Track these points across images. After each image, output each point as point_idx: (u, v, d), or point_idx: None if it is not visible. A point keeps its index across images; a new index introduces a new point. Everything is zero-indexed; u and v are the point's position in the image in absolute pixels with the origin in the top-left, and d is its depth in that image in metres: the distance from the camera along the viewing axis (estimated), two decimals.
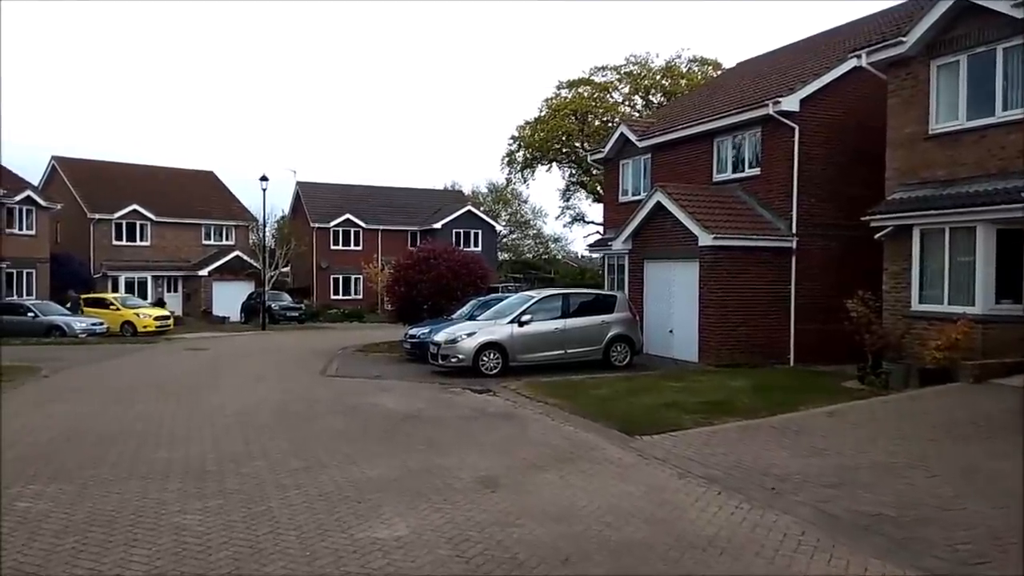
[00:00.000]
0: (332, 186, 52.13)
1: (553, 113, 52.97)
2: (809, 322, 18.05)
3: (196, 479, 7.63)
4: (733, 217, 18.02)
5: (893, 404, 10.77)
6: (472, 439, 9.70)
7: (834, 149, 18.25)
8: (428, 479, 7.63)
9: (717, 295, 17.58)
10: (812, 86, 17.74)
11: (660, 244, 19.44)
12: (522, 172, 57.87)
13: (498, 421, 11.08)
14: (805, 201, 18.02)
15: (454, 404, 12.76)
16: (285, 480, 7.58)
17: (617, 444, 9.32)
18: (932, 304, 13.62)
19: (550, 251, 72.83)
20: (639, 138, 22.90)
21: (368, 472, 7.90)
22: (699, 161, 20.83)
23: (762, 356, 17.72)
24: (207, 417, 11.31)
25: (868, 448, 8.59)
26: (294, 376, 16.91)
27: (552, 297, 17.80)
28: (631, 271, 20.93)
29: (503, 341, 16.54)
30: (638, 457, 8.63)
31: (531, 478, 7.70)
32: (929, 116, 14.15)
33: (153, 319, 31.38)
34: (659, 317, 19.37)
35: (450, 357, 16.60)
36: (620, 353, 17.48)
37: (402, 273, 22.98)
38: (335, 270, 48.41)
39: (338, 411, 11.91)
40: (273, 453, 8.81)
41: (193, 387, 14.81)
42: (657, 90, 53.10)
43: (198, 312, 42.75)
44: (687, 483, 7.50)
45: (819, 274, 18.24)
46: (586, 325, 17.33)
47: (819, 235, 18.14)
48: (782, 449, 8.72)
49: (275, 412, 11.76)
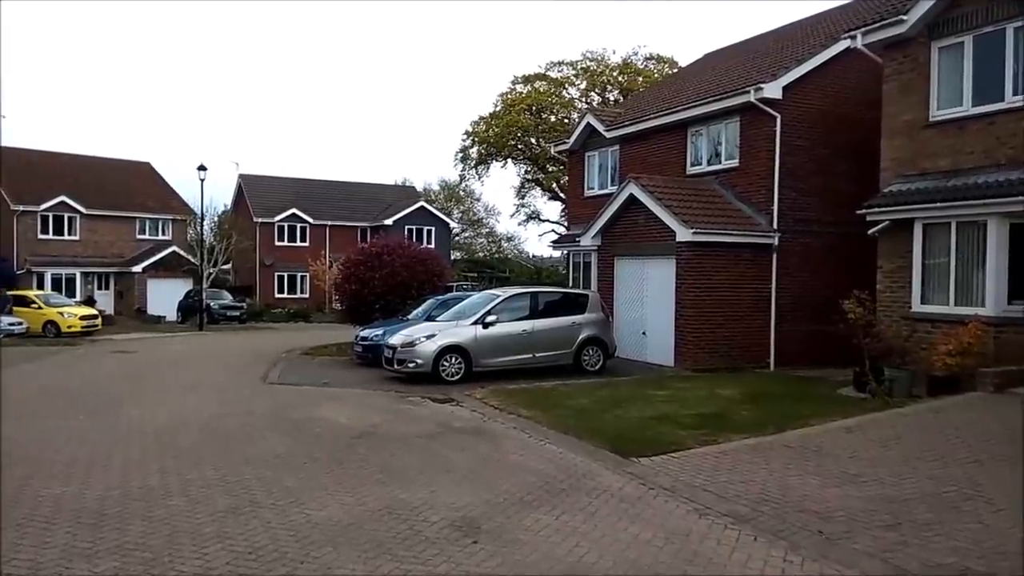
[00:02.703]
0: (278, 179, 49.79)
1: (508, 108, 51.64)
2: (791, 324, 16.98)
3: (90, 528, 5.94)
4: (711, 211, 16.81)
5: (914, 418, 9.57)
6: (440, 463, 8.17)
7: (817, 140, 17.22)
8: (391, 523, 6.08)
9: (695, 294, 16.35)
10: (796, 72, 16.65)
11: (632, 240, 18.15)
12: (476, 168, 56.45)
13: (467, 439, 9.55)
14: (787, 195, 16.93)
15: (414, 417, 11.19)
16: (206, 528, 5.94)
17: (612, 469, 7.89)
18: (936, 305, 12.54)
19: (503, 250, 71.51)
20: (607, 128, 21.60)
21: (314, 514, 6.30)
22: (672, 153, 19.62)
23: (742, 360, 16.57)
24: (121, 437, 9.52)
25: (907, 473, 7.32)
26: (231, 384, 15.09)
27: (519, 296, 16.30)
28: (600, 269, 19.61)
29: (466, 344, 14.99)
30: (641, 486, 7.21)
31: (519, 520, 6.21)
32: (930, 102, 13.09)
33: (79, 319, 28.93)
34: (631, 318, 18.08)
35: (407, 362, 15.00)
36: (592, 357, 16.10)
37: (353, 270, 21.20)
38: (280, 267, 46.13)
39: (279, 428, 10.22)
40: (195, 487, 7.13)
41: (111, 398, 12.90)
42: (614, 86, 52.22)
43: (131, 311, 40.08)
44: (711, 525, 6.10)
45: (801, 272, 17.20)
46: (556, 327, 15.90)
47: (801, 231, 17.08)
48: (808, 475, 7.39)
49: (204, 430, 10.02)
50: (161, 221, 44.18)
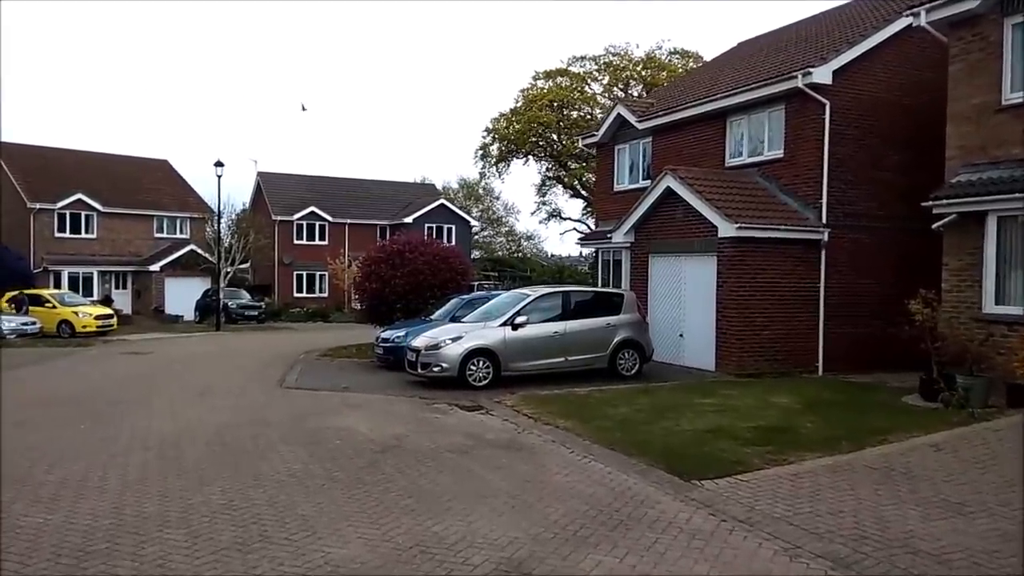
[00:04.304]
0: (296, 177, 49.06)
1: (529, 104, 50.66)
2: (841, 325, 15.87)
3: (68, 569, 5.03)
4: (755, 205, 15.72)
5: (1009, 433, 8.49)
6: (475, 485, 7.20)
7: (868, 129, 16.10)
8: (424, 566, 5.12)
9: (738, 294, 15.27)
10: (849, 54, 15.53)
11: (669, 236, 17.10)
12: (496, 166, 55.50)
13: (502, 454, 8.58)
14: (836, 188, 15.82)
15: (442, 427, 10.24)
16: (206, 571, 5.01)
17: (673, 494, 6.88)
18: (1014, 306, 11.41)
19: (522, 249, 70.55)
20: (639, 119, 20.56)
21: (333, 552, 5.36)
22: (709, 144, 18.54)
23: (787, 364, 15.50)
24: (122, 450, 8.63)
25: (1016, 501, 6.28)
26: (246, 388, 14.22)
27: (550, 296, 15.29)
28: (633, 267, 18.56)
29: (494, 347, 14.02)
30: (711, 517, 6.20)
31: (576, 561, 5.24)
32: (1002, 84, 11.93)
33: (94, 318, 28.26)
34: (667, 319, 17.03)
35: (431, 366, 14.06)
36: (628, 361, 15.07)
37: (374, 268, 20.28)
38: (298, 266, 45.38)
39: (295, 440, 9.30)
40: (198, 515, 6.22)
41: (117, 404, 12.05)
42: (637, 81, 51.08)
43: (149, 310, 39.50)
44: (808, 570, 5.09)
45: (851, 270, 16.10)
46: (589, 328, 14.87)
47: (851, 226, 15.97)
48: (906, 504, 6.36)
49: (213, 442, 9.12)
50: (179, 219, 43.58)
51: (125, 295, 40.90)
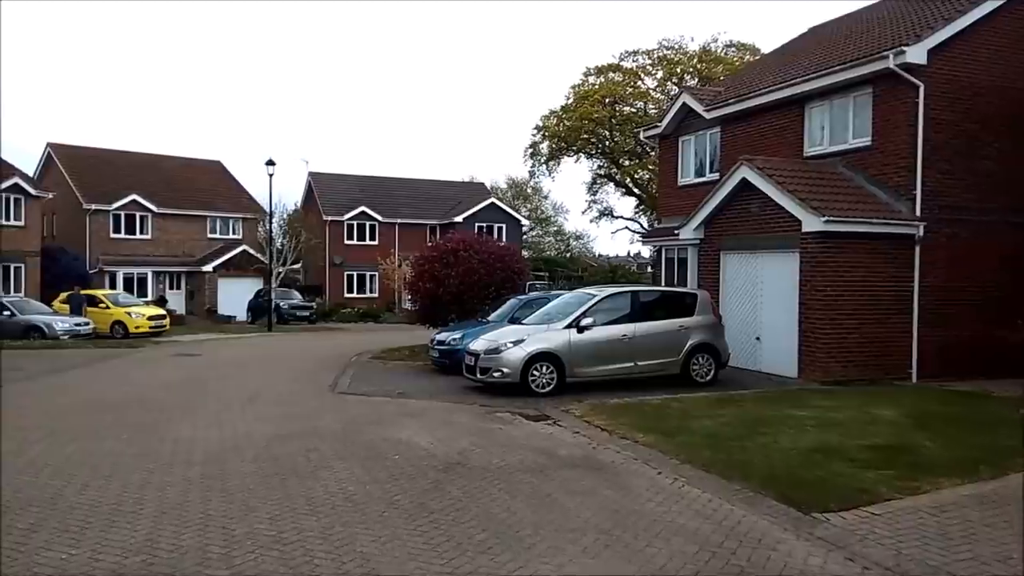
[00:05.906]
0: (346, 177, 48.79)
1: (580, 101, 49.54)
2: (935, 328, 14.50)
3: None
4: (842, 197, 14.44)
5: None
6: (556, 516, 6.22)
7: (966, 114, 14.73)
8: None
9: (824, 294, 14.03)
10: (945, 31, 14.20)
11: (743, 231, 15.92)
12: (546, 164, 54.49)
13: (581, 475, 7.59)
14: (931, 178, 14.45)
15: (508, 441, 9.29)
16: None
17: (794, 531, 5.81)
18: None
19: (571, 248, 69.42)
20: (706, 108, 19.36)
21: None
22: (785, 133, 17.27)
23: (878, 370, 14.21)
24: (161, 467, 7.87)
25: None
26: (296, 394, 13.49)
27: (617, 296, 14.23)
28: (703, 265, 17.40)
29: (559, 351, 13.03)
30: (850, 564, 5.12)
31: None
32: None
33: (147, 319, 28.06)
34: (741, 321, 15.84)
35: (491, 370, 13.15)
36: (703, 366, 13.94)
37: (427, 267, 19.45)
38: (349, 266, 45.06)
39: (350, 455, 8.46)
40: (241, 551, 5.37)
41: (161, 412, 11.37)
42: (692, 75, 49.50)
43: (202, 311, 39.50)
44: None
45: (948, 268, 14.70)
46: (660, 331, 13.79)
47: (948, 220, 14.59)
48: None
49: (261, 458, 8.30)
50: (232, 220, 43.58)
51: (179, 295, 41.00)
